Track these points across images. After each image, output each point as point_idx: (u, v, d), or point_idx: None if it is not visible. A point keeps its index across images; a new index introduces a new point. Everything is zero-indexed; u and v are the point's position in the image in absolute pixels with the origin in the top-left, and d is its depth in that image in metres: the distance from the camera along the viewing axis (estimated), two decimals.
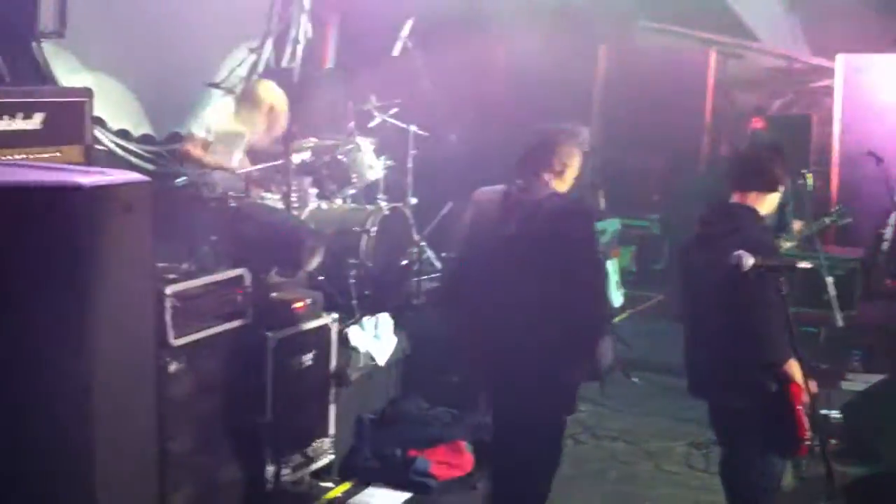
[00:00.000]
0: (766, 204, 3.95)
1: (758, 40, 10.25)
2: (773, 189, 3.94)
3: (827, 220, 6.50)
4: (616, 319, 7.52)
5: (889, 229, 8.71)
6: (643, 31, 10.09)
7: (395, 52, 6.71)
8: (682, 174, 9.50)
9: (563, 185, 4.17)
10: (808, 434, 3.77)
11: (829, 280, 5.87)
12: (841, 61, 9.30)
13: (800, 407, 3.74)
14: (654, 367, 7.22)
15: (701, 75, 9.77)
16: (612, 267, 7.60)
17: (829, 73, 10.13)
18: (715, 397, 4.03)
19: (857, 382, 6.47)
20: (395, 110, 6.79)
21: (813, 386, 3.81)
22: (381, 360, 5.57)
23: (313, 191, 6.11)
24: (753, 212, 3.90)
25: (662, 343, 7.79)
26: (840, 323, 5.71)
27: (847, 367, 6.77)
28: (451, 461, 5.37)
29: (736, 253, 3.47)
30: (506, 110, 7.95)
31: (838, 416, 5.93)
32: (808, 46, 10.45)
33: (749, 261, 3.43)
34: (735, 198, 3.95)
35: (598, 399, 6.65)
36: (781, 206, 5.24)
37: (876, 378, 6.16)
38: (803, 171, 6.66)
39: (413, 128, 6.66)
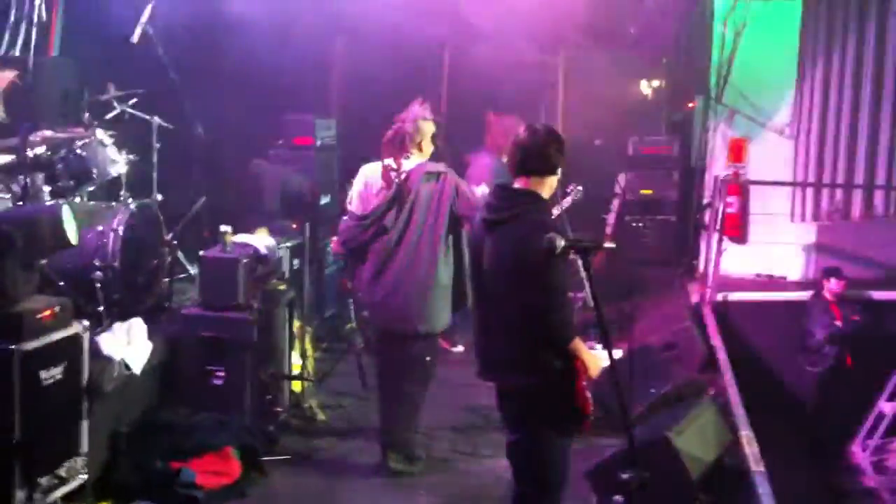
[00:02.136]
0: (547, 187, 4.05)
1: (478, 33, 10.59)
2: (553, 172, 4.03)
3: (569, 200, 6.84)
4: None
5: (612, 215, 9.40)
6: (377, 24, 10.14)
7: (135, 38, 6.28)
8: None
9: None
10: (592, 409, 3.88)
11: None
12: (563, 55, 9.86)
13: (584, 383, 3.85)
14: None
15: (436, 66, 9.97)
16: None
17: (545, 65, 10.65)
18: (503, 378, 4.09)
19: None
20: (135, 101, 6.37)
21: (600, 361, 3.91)
22: (137, 368, 5.19)
23: (47, 188, 5.57)
24: (536, 195, 3.99)
25: None
26: (592, 303, 5.99)
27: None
28: (219, 469, 5.11)
29: (548, 236, 3.53)
30: (247, 98, 7.67)
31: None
32: (524, 42, 10.93)
33: (561, 242, 3.49)
34: (518, 183, 4.04)
35: (361, 392, 6.63)
36: None
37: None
38: None
39: (157, 119, 6.27)
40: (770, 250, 8.65)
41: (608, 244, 3.99)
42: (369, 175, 5.46)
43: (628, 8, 9.47)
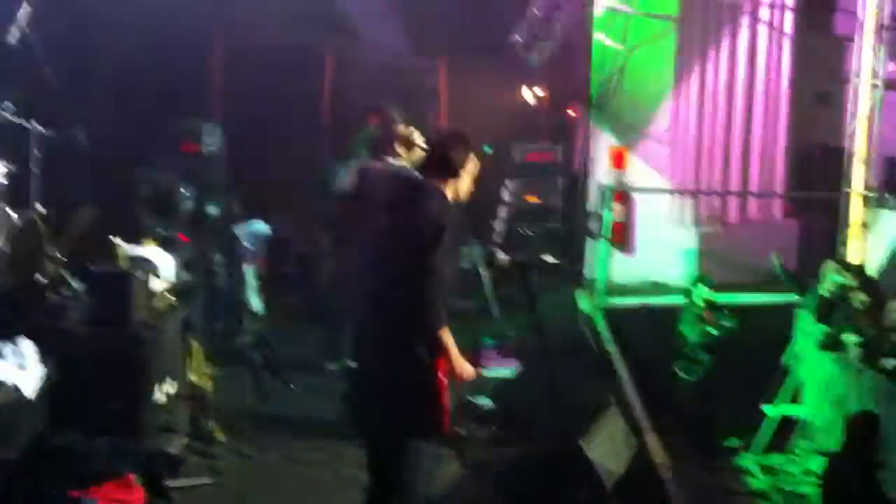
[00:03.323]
0: (451, 189, 4.05)
1: (364, 41, 10.54)
2: (455, 175, 4.05)
3: None
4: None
5: (499, 221, 9.46)
6: (258, 28, 9.91)
7: (12, 39, 5.85)
8: (302, 176, 9.48)
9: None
10: (450, 410, 3.87)
11: (485, 273, 6.14)
12: (444, 62, 9.87)
13: (444, 380, 3.83)
14: (307, 370, 7.13)
15: (319, 72, 9.82)
16: (252, 273, 7.35)
17: (427, 71, 10.72)
18: (371, 363, 4.04)
19: (496, 369, 6.87)
20: (7, 104, 5.93)
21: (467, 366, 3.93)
22: (29, 392, 4.84)
23: None
24: (439, 190, 4.00)
25: (308, 345, 7.77)
26: (496, 313, 6.01)
27: (482, 354, 7.18)
28: (121, 497, 4.81)
29: (490, 248, 3.54)
30: (130, 103, 7.32)
31: (488, 402, 6.25)
32: (408, 47, 10.96)
33: (503, 257, 3.48)
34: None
35: (259, 409, 6.42)
36: None
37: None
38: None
39: (35, 126, 5.87)
40: (654, 256, 8.87)
41: (549, 259, 4.03)
42: None
43: (513, 15, 9.54)
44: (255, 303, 7.29)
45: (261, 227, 7.26)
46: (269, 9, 9.60)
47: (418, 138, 5.99)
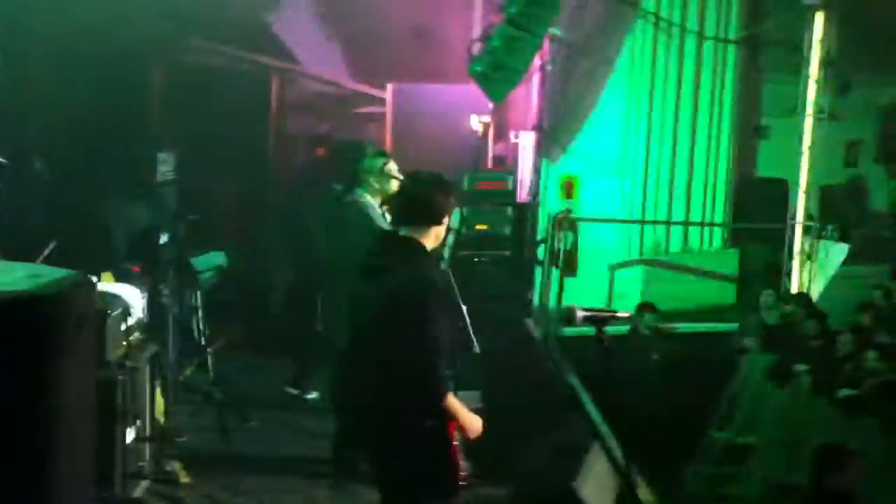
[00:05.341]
0: (432, 237, 3.81)
1: (301, 66, 10.41)
2: (438, 222, 3.81)
3: None
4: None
5: (447, 248, 9.37)
6: (195, 52, 9.67)
7: None
8: (252, 201, 9.27)
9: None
10: (465, 472, 3.73)
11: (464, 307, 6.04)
12: (390, 89, 9.82)
13: (456, 443, 3.68)
14: (263, 405, 6.94)
15: (266, 99, 9.64)
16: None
17: (371, 99, 10.66)
18: (376, 438, 3.85)
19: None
20: None
21: (477, 421, 3.76)
22: None
23: None
24: (418, 244, 3.76)
25: (259, 376, 7.58)
26: (477, 349, 5.91)
27: None
28: None
29: (568, 306, 3.41)
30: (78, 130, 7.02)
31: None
32: (350, 74, 10.88)
33: (580, 313, 3.37)
34: (402, 232, 3.81)
35: (221, 448, 6.20)
36: None
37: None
38: None
39: None
40: (601, 284, 8.96)
41: (622, 314, 3.88)
42: None
43: (461, 43, 9.55)
44: (201, 334, 7.03)
45: (217, 256, 7.04)
46: (211, 31, 9.40)
47: (394, 170, 5.89)
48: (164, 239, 7.23)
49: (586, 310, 3.48)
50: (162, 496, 5.51)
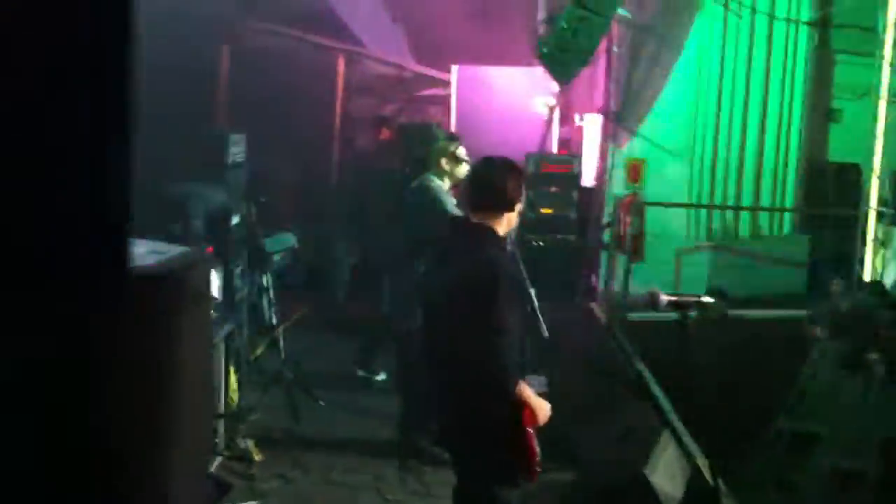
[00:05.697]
0: (504, 223, 3.81)
1: (365, 48, 10.43)
2: (510, 208, 3.80)
3: None
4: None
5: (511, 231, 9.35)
6: (259, 34, 9.75)
7: None
8: (316, 183, 9.33)
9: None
10: (539, 459, 3.69)
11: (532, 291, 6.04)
12: (455, 71, 9.78)
13: (530, 430, 3.66)
14: (330, 385, 7.02)
15: (331, 81, 9.68)
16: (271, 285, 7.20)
17: (433, 81, 10.63)
18: (448, 419, 3.91)
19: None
20: None
21: (546, 406, 3.74)
22: None
23: None
24: (491, 230, 3.75)
25: (326, 356, 7.65)
26: (546, 333, 5.90)
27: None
28: None
29: (651, 290, 3.38)
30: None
31: None
32: (413, 57, 10.87)
33: (664, 298, 3.35)
34: (474, 218, 3.79)
35: (294, 427, 6.30)
36: None
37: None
38: None
39: None
40: (667, 269, 8.87)
41: (705, 299, 3.83)
42: None
43: (525, 25, 9.50)
44: (271, 315, 7.12)
45: (288, 238, 7.09)
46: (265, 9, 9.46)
47: (464, 154, 5.89)
48: (235, 220, 7.34)
49: (671, 294, 3.43)
50: (235, 472, 5.63)
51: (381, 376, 7.25)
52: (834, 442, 7.39)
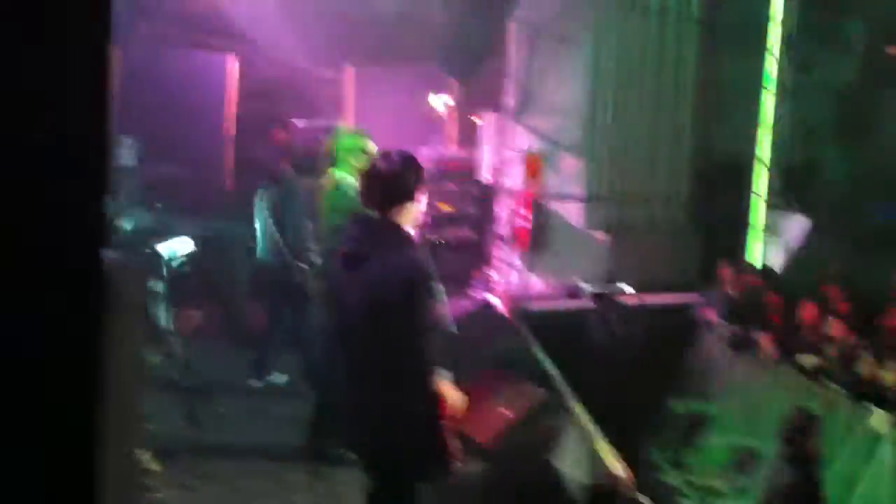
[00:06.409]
0: (410, 217, 3.76)
1: (260, 48, 10.29)
2: (411, 199, 3.75)
3: None
4: None
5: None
6: (147, 36, 9.52)
7: None
8: (209, 187, 9.17)
9: None
10: (456, 451, 3.74)
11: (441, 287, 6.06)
12: (350, 71, 9.74)
13: (448, 425, 3.70)
14: (230, 392, 6.91)
15: (220, 82, 9.51)
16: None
17: (329, 82, 10.56)
18: (361, 419, 3.89)
19: None
20: None
21: (464, 399, 3.79)
22: None
23: None
24: (396, 226, 3.71)
25: (221, 364, 7.52)
26: (454, 329, 5.93)
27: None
28: None
29: (573, 282, 3.40)
30: None
31: None
32: (308, 58, 10.75)
33: (584, 288, 3.38)
34: (378, 214, 3.72)
35: (192, 439, 6.16)
36: None
37: None
38: None
39: None
40: (566, 261, 8.99)
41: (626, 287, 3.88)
42: None
43: (427, 24, 9.50)
44: (164, 318, 6.94)
45: (186, 244, 6.92)
46: (165, 15, 9.26)
47: (372, 148, 5.77)
48: (128, 227, 7.17)
49: (593, 286, 3.50)
50: None
51: (283, 378, 7.16)
52: (727, 421, 7.63)
